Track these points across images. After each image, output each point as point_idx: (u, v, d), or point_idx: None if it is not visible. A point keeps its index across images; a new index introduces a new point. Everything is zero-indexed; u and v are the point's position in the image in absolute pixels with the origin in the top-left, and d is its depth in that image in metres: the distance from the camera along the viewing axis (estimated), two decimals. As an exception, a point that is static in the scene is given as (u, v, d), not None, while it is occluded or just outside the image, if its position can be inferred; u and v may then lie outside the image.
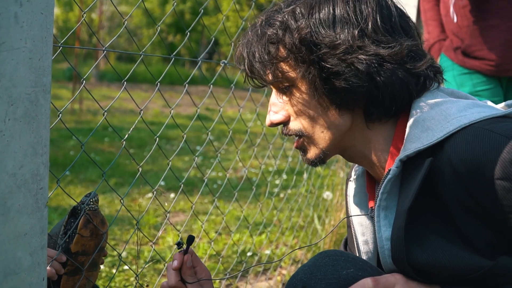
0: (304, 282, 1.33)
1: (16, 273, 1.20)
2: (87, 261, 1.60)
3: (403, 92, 1.39)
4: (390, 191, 1.37)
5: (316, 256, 1.40)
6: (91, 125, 9.84)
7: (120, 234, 4.17)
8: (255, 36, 1.47)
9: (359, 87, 1.37)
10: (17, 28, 1.14)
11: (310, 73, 1.40)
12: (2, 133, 1.13)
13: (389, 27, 1.40)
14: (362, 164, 1.53)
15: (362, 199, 1.61)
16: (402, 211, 1.31)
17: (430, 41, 3.75)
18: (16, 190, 1.18)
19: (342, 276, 1.32)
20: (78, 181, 5.73)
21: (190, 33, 2.18)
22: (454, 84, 3.56)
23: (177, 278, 1.60)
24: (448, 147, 1.28)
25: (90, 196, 1.62)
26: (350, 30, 1.37)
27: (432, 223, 1.32)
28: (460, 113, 1.32)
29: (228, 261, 3.70)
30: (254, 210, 4.84)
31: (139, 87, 16.90)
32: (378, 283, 1.30)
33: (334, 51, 1.37)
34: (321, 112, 1.44)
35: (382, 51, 1.36)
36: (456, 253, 1.28)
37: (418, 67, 1.39)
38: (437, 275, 1.31)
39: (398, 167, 1.34)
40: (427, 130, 1.33)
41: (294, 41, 1.39)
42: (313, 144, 1.49)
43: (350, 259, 1.38)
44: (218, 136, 9.49)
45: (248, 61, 1.49)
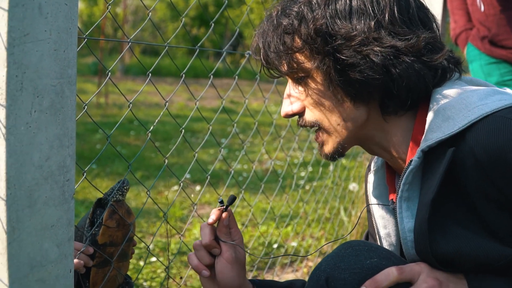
0: (328, 273, 1.32)
1: (43, 265, 1.21)
2: (116, 252, 1.60)
3: (420, 85, 1.37)
4: (412, 182, 1.35)
5: (339, 247, 1.39)
6: (116, 119, 9.89)
7: (146, 227, 4.19)
8: (270, 26, 1.46)
9: (374, 80, 1.35)
10: (42, 19, 1.13)
11: (325, 64, 1.39)
12: (28, 125, 1.13)
13: (406, 19, 1.38)
14: (382, 155, 1.52)
15: (382, 192, 1.60)
16: (425, 202, 1.29)
17: (457, 30, 3.71)
18: (42, 182, 1.17)
19: (366, 266, 1.31)
20: (104, 174, 5.77)
21: (214, 26, 2.16)
22: (481, 74, 3.52)
23: (212, 236, 1.57)
24: (470, 137, 1.26)
25: (124, 183, 1.62)
26: (367, 21, 1.36)
27: (455, 213, 1.31)
28: (481, 102, 1.30)
29: (254, 253, 3.70)
30: (280, 203, 4.83)
31: (164, 81, 16.96)
32: (402, 271, 1.29)
33: (350, 43, 1.35)
34: (336, 104, 1.43)
35: (398, 43, 1.34)
36: (479, 243, 1.27)
37: (436, 59, 1.37)
38: (461, 265, 1.30)
39: (420, 158, 1.32)
40: (448, 119, 1.31)
41: (310, 31, 1.38)
42: (330, 137, 1.48)
43: (373, 249, 1.37)
44: (243, 128, 9.49)
45: (263, 52, 1.48)
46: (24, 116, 1.12)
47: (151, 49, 25.62)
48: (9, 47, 1.08)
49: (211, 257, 1.59)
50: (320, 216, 4.35)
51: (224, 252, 1.59)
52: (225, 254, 1.59)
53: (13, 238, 1.13)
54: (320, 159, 5.85)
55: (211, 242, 1.57)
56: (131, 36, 1.69)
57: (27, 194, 1.15)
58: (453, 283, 1.29)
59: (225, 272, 1.58)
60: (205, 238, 1.58)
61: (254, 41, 1.52)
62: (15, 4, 1.07)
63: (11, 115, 1.10)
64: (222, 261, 1.58)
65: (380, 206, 1.57)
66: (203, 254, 1.59)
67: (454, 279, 1.30)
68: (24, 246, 1.16)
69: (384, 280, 1.27)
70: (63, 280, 1.26)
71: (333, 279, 1.30)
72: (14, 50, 1.08)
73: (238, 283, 1.60)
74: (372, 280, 1.28)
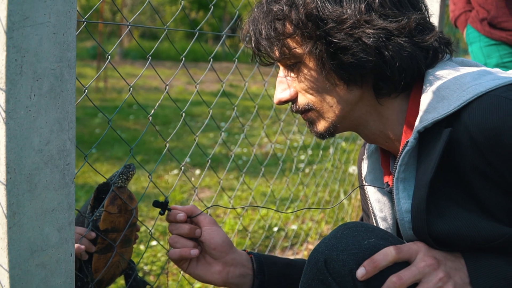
0: (326, 254, 1.33)
1: (44, 250, 1.20)
2: (118, 237, 1.60)
3: (412, 66, 1.37)
4: (408, 163, 1.35)
5: (336, 228, 1.40)
6: (116, 103, 9.88)
7: (146, 211, 4.19)
8: (261, 13, 1.45)
9: (367, 62, 1.35)
10: (41, 3, 1.12)
11: (317, 48, 1.38)
12: (28, 109, 1.12)
13: (396, 1, 1.38)
14: (377, 140, 1.52)
15: (378, 175, 1.60)
16: (423, 183, 1.29)
17: (456, 12, 3.70)
18: (43, 166, 1.17)
19: (364, 246, 1.31)
20: (104, 159, 5.77)
21: (212, 9, 2.15)
22: (480, 56, 3.52)
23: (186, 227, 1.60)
24: (465, 116, 1.26)
25: (130, 168, 1.61)
26: (357, 4, 1.36)
27: (451, 193, 1.31)
28: (475, 81, 1.31)
29: (254, 237, 3.71)
30: (280, 186, 4.83)
31: (163, 64, 16.92)
32: (400, 251, 1.29)
33: (341, 26, 1.35)
34: (329, 88, 1.43)
35: (389, 25, 1.34)
36: (476, 222, 1.27)
37: (427, 40, 1.37)
38: (458, 244, 1.30)
39: (416, 139, 1.33)
40: (442, 99, 1.32)
41: (301, 16, 1.37)
42: (322, 118, 1.48)
43: (370, 229, 1.37)
44: (242, 112, 9.48)
45: (254, 39, 1.47)
46: (23, 100, 1.11)
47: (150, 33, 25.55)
48: (9, 31, 1.07)
49: (191, 241, 1.61)
50: (320, 199, 4.36)
51: (202, 221, 1.61)
52: (204, 222, 1.61)
53: (14, 223, 1.13)
54: (320, 142, 5.85)
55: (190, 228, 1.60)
56: (125, 19, 1.67)
57: (27, 178, 1.14)
58: (451, 262, 1.29)
59: (214, 236, 1.60)
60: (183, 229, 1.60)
61: (245, 29, 1.51)
62: (14, -13, 1.07)
63: (11, 99, 1.09)
64: (206, 229, 1.60)
65: (376, 189, 1.57)
66: (183, 241, 1.60)
67: (451, 258, 1.30)
68: (24, 231, 1.16)
69: (383, 260, 1.27)
70: (64, 264, 1.26)
71: (332, 260, 1.31)
72: (13, 34, 1.07)
73: (230, 242, 1.62)
74: (370, 260, 1.28)
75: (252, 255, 1.67)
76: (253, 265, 1.65)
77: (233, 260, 1.62)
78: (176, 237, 1.60)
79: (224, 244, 1.60)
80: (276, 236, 3.73)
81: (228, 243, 1.61)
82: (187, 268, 1.63)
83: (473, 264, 1.29)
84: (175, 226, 1.60)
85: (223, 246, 1.60)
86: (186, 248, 1.59)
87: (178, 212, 1.59)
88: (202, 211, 1.62)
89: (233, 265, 1.62)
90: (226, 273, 1.61)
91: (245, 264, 1.64)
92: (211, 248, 1.59)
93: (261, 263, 1.65)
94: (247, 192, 4.64)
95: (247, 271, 1.64)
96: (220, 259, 1.60)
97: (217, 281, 1.61)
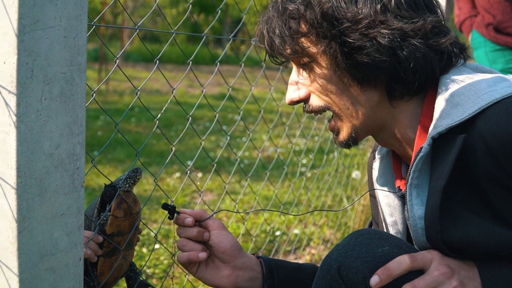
0: (340, 261, 1.32)
1: (53, 254, 1.20)
2: (123, 241, 1.60)
3: (426, 68, 1.37)
4: (421, 169, 1.35)
5: (349, 235, 1.39)
6: (117, 106, 9.88)
7: (149, 214, 4.19)
8: (276, 12, 1.45)
9: (381, 62, 1.35)
10: (52, 6, 1.12)
11: (331, 48, 1.38)
12: (39, 113, 1.12)
13: (412, 3, 1.38)
14: (392, 144, 1.52)
15: (389, 179, 1.59)
16: (436, 189, 1.29)
17: (461, 17, 3.70)
18: (53, 170, 1.17)
19: (378, 254, 1.31)
20: (106, 161, 5.77)
21: (214, 12, 2.15)
22: (486, 61, 3.51)
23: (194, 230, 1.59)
24: (480, 123, 1.26)
25: (137, 172, 1.61)
26: (373, 4, 1.36)
27: (464, 200, 1.31)
28: (490, 88, 1.30)
29: (257, 241, 3.70)
30: (282, 190, 4.83)
31: (164, 67, 16.92)
32: (415, 259, 1.29)
33: (357, 26, 1.35)
34: (343, 88, 1.42)
35: (405, 26, 1.34)
36: (489, 229, 1.27)
37: (442, 43, 1.37)
38: (471, 251, 1.30)
39: (430, 145, 1.32)
40: (457, 106, 1.31)
41: (316, 16, 1.37)
42: (343, 122, 1.47)
43: (384, 237, 1.37)
44: (244, 115, 9.48)
45: (268, 38, 1.47)
46: (34, 103, 1.11)
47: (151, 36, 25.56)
48: (20, 34, 1.06)
49: (199, 244, 1.60)
50: (324, 203, 4.35)
51: (211, 225, 1.60)
52: (213, 226, 1.60)
53: (24, 227, 1.13)
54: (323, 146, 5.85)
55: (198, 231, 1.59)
56: (134, 23, 1.67)
57: (37, 182, 1.14)
58: (464, 270, 1.29)
59: (223, 240, 1.59)
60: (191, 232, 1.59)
61: (259, 28, 1.51)
62: (25, -10, 1.06)
63: (22, 103, 1.08)
64: (215, 233, 1.59)
65: (387, 193, 1.57)
66: (191, 244, 1.59)
67: (465, 266, 1.30)
68: (34, 235, 1.15)
69: (397, 268, 1.27)
70: (73, 268, 1.25)
71: (345, 268, 1.30)
72: (24, 37, 1.07)
73: (239, 246, 1.61)
74: (384, 268, 1.27)
75: (261, 259, 1.66)
76: (263, 269, 1.64)
77: (242, 264, 1.61)
78: (185, 241, 1.59)
79: (233, 248, 1.59)
80: (279, 240, 3.72)
81: (237, 247, 1.60)
82: (196, 272, 1.62)
83: (486, 273, 1.28)
84: (184, 229, 1.59)
85: (232, 250, 1.59)
86: (194, 251, 1.58)
87: (187, 216, 1.58)
88: (211, 215, 1.61)
89: (242, 269, 1.61)
90: (235, 277, 1.60)
91: (254, 268, 1.63)
92: (220, 252, 1.58)
93: (270, 267, 1.64)
94: (249, 196, 4.64)
95: (256, 275, 1.63)
96: (229, 263, 1.60)
97: (226, 285, 1.60)
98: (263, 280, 1.63)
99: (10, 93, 1.08)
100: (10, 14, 1.06)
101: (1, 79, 1.08)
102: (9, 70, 1.07)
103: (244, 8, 2.42)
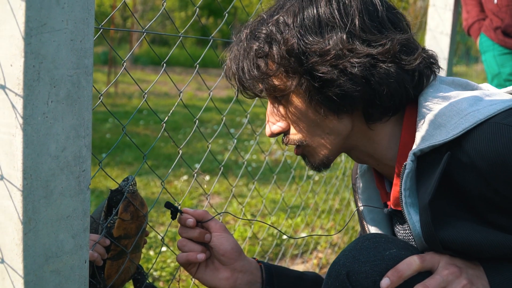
0: (348, 266, 1.32)
1: (58, 256, 1.20)
2: (130, 244, 1.60)
3: (400, 90, 1.36)
4: (411, 188, 1.35)
5: (355, 240, 1.39)
6: (126, 108, 9.90)
7: (156, 216, 4.19)
8: (241, 50, 1.44)
9: (354, 91, 1.34)
10: (58, 9, 1.12)
11: (302, 84, 1.37)
12: (45, 115, 1.12)
13: (377, 23, 1.37)
14: (369, 162, 1.52)
15: (372, 195, 1.61)
16: (423, 206, 1.29)
17: (469, 20, 3.69)
18: (59, 173, 1.17)
19: (386, 257, 1.31)
20: (114, 164, 5.78)
21: (223, 16, 2.16)
22: (494, 64, 3.50)
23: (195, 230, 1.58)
24: (467, 145, 1.26)
25: (129, 180, 1.61)
26: (338, 33, 1.34)
27: (457, 213, 1.32)
28: (472, 108, 1.30)
29: (264, 244, 3.70)
30: (290, 193, 4.82)
31: (173, 70, 16.94)
32: (424, 260, 1.29)
33: (324, 58, 1.33)
34: (319, 120, 1.42)
35: (373, 51, 1.33)
36: (489, 233, 1.28)
37: (412, 61, 1.36)
38: (474, 255, 1.31)
39: (414, 161, 1.32)
40: (439, 127, 1.31)
41: (282, 53, 1.36)
42: (315, 152, 1.48)
43: (390, 240, 1.37)
44: (251, 118, 9.48)
45: (238, 76, 1.46)
46: (41, 106, 1.11)
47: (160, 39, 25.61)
48: (27, 37, 1.07)
49: (199, 245, 1.59)
50: (331, 207, 4.34)
51: (213, 227, 1.59)
52: (215, 227, 1.59)
53: (29, 229, 1.13)
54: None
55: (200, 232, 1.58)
56: (141, 26, 1.68)
57: (43, 184, 1.14)
58: (471, 269, 1.30)
59: (224, 242, 1.58)
60: (192, 233, 1.58)
61: (227, 65, 1.49)
62: (32, -7, 1.07)
63: (28, 105, 1.09)
64: (216, 235, 1.58)
65: (371, 208, 1.58)
66: (191, 245, 1.59)
67: (472, 265, 1.31)
68: (40, 237, 1.16)
69: (407, 269, 1.27)
70: (78, 270, 1.25)
71: (354, 273, 1.30)
72: (31, 40, 1.08)
73: (239, 249, 1.61)
74: (394, 270, 1.27)
75: (262, 264, 1.66)
76: (262, 274, 1.64)
77: (242, 267, 1.61)
78: (185, 241, 1.59)
79: (233, 250, 1.59)
80: (286, 244, 3.72)
81: (237, 249, 1.60)
82: (195, 273, 1.62)
83: (492, 271, 1.30)
84: (185, 230, 1.59)
85: (232, 253, 1.59)
86: (193, 252, 1.58)
87: (189, 217, 1.58)
88: (213, 216, 1.61)
89: (241, 272, 1.61)
90: (234, 279, 1.60)
91: (254, 272, 1.63)
92: (220, 254, 1.58)
93: (270, 274, 1.64)
94: (256, 199, 4.64)
95: (255, 279, 1.63)
96: (228, 265, 1.59)
97: (225, 287, 1.60)
98: (262, 285, 1.63)
99: (16, 96, 1.08)
100: (17, 17, 1.06)
101: (8, 82, 1.09)
102: (16, 72, 1.08)
103: (252, 12, 2.42)
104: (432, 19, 3.57)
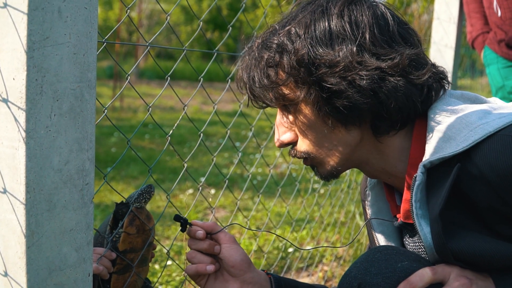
0: (359, 278, 1.32)
1: (61, 269, 1.20)
2: (136, 258, 1.60)
3: (408, 104, 1.37)
4: (421, 199, 1.35)
5: (366, 252, 1.39)
6: (131, 122, 9.92)
7: (161, 230, 4.19)
8: (253, 60, 1.45)
9: (363, 104, 1.35)
10: (61, 23, 1.13)
11: (311, 94, 1.38)
12: (48, 129, 1.12)
13: (387, 38, 1.38)
14: (380, 177, 1.53)
15: (382, 208, 1.61)
16: (433, 217, 1.30)
17: (473, 33, 3.69)
18: (62, 186, 1.17)
19: (398, 269, 1.31)
20: (120, 178, 5.78)
21: (229, 30, 2.16)
22: (498, 77, 3.50)
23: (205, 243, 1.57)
24: (476, 157, 1.27)
25: (151, 188, 1.61)
26: (348, 46, 1.35)
27: (468, 224, 1.33)
28: (481, 121, 1.31)
29: (269, 257, 3.69)
30: (295, 206, 4.81)
31: (178, 84, 16.99)
32: (436, 272, 1.30)
33: (334, 69, 1.34)
34: (327, 131, 1.43)
35: (382, 64, 1.34)
36: (498, 244, 1.28)
37: (421, 76, 1.37)
38: (484, 266, 1.32)
39: (424, 173, 1.33)
40: (449, 139, 1.32)
41: (292, 63, 1.37)
42: (323, 162, 1.48)
43: (402, 252, 1.38)
44: (257, 132, 9.49)
45: (249, 86, 1.48)
46: (43, 120, 1.12)
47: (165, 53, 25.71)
48: (29, 51, 1.07)
49: (208, 257, 1.58)
50: (336, 220, 4.33)
51: (222, 239, 1.58)
52: (224, 239, 1.58)
53: (32, 242, 1.13)
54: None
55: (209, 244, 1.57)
56: (145, 40, 1.68)
57: (46, 198, 1.14)
58: (481, 281, 1.30)
59: (233, 253, 1.57)
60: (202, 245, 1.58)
61: (239, 75, 1.51)
62: (35, 7, 1.07)
63: (31, 119, 1.09)
64: (226, 247, 1.57)
65: (381, 222, 1.58)
66: (200, 256, 1.58)
67: (481, 277, 1.31)
68: (43, 250, 1.15)
69: (419, 281, 1.28)
70: (82, 284, 1.25)
71: (366, 285, 1.30)
72: (34, 54, 1.08)
73: (249, 260, 1.60)
74: (406, 282, 1.28)
75: (271, 276, 1.65)
76: (272, 286, 1.63)
77: (251, 278, 1.60)
78: (194, 252, 1.58)
79: (243, 262, 1.58)
80: (291, 257, 3.70)
81: (247, 261, 1.59)
82: (204, 285, 1.61)
83: (501, 282, 1.30)
84: (194, 242, 1.58)
85: (242, 264, 1.58)
86: (202, 263, 1.57)
87: (198, 229, 1.58)
88: (223, 228, 1.61)
89: (251, 283, 1.60)
90: None
91: (263, 284, 1.62)
92: (229, 265, 1.57)
93: (280, 286, 1.63)
94: (262, 212, 4.63)
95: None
96: (238, 277, 1.59)
97: None
98: None
99: (19, 109, 1.09)
100: (19, 30, 1.07)
101: (11, 95, 1.09)
102: (18, 86, 1.08)
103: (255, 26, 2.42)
104: (437, 32, 3.58)
